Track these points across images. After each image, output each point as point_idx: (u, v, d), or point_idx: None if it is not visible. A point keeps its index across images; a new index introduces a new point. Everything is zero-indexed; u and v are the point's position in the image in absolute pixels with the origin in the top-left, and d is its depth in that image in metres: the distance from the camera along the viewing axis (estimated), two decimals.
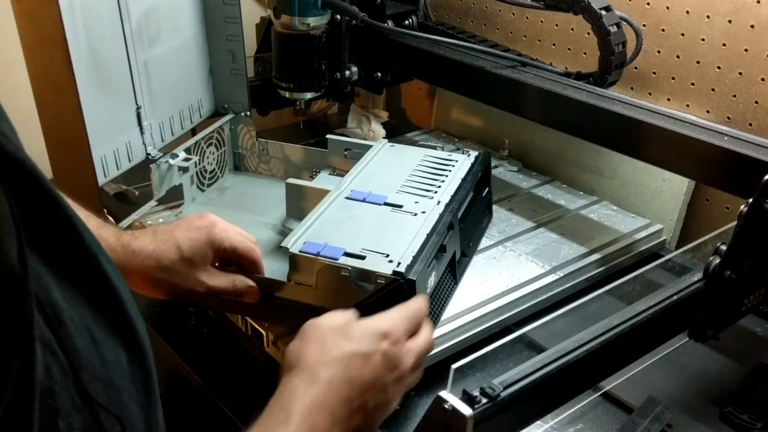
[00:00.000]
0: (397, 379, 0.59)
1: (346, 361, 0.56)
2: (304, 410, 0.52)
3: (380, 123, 1.42)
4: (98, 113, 0.90)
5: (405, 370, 0.59)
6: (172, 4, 1.02)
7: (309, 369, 0.55)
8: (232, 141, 1.14)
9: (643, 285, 0.80)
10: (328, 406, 0.53)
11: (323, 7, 1.04)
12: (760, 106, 0.98)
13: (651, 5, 1.06)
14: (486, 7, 1.30)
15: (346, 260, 0.74)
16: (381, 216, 0.83)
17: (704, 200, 1.06)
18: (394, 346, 0.58)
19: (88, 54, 0.87)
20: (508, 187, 1.14)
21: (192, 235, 0.74)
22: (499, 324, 0.84)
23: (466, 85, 1.07)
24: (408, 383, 0.61)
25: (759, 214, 0.63)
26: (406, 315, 0.61)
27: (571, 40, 1.18)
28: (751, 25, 0.96)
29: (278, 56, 1.09)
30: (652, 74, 1.09)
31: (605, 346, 0.59)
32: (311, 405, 0.53)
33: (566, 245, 0.96)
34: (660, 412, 0.72)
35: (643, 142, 0.86)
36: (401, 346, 0.59)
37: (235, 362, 0.84)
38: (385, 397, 0.58)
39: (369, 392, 0.56)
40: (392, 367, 0.58)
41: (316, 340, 0.58)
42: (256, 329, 0.83)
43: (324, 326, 0.60)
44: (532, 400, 0.56)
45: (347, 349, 0.57)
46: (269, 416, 0.53)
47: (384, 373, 0.57)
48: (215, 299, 0.78)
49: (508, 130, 1.24)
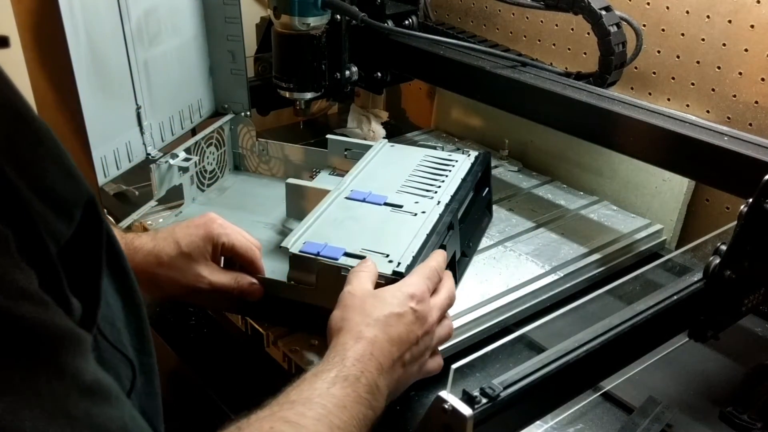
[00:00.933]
0: (427, 333, 0.67)
1: (384, 320, 0.64)
2: (356, 356, 0.60)
3: (380, 123, 1.42)
4: (98, 113, 0.90)
5: (432, 323, 0.68)
6: (172, 4, 1.02)
7: (354, 329, 0.63)
8: (232, 141, 1.14)
9: (643, 285, 0.80)
10: (375, 357, 0.61)
11: (323, 7, 1.04)
12: (760, 106, 0.98)
13: (651, 5, 1.06)
14: (486, 7, 1.30)
15: (345, 260, 0.74)
16: (381, 216, 0.83)
17: (704, 200, 1.06)
18: (420, 304, 0.66)
19: (88, 54, 0.87)
20: (508, 187, 1.14)
21: (190, 231, 0.76)
22: (499, 324, 0.84)
23: (466, 85, 1.07)
24: (438, 336, 0.69)
25: (759, 214, 0.63)
26: (428, 274, 0.70)
27: (571, 40, 1.18)
28: (751, 25, 0.96)
29: (278, 56, 1.09)
30: (652, 74, 1.09)
31: (605, 346, 0.59)
32: (362, 353, 0.61)
33: (566, 245, 0.96)
34: (660, 412, 0.72)
35: (643, 142, 0.86)
36: (427, 304, 0.67)
37: (235, 362, 0.84)
38: (418, 350, 0.66)
39: (405, 347, 0.64)
40: (422, 322, 0.66)
41: (357, 305, 0.66)
42: (256, 329, 0.83)
43: (360, 293, 0.67)
44: (532, 400, 0.56)
45: (384, 311, 0.64)
46: (327, 359, 0.61)
47: (415, 328, 0.65)
48: (216, 299, 0.78)
49: (508, 130, 1.24)
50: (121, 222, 0.98)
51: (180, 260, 0.75)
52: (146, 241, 0.75)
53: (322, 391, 0.56)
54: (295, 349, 0.78)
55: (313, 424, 0.52)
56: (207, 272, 0.76)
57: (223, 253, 0.78)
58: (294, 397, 0.55)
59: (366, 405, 0.57)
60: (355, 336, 0.62)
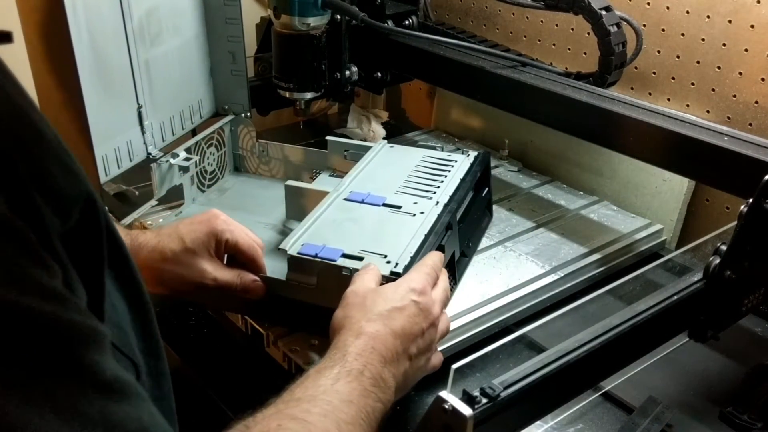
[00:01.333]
0: (432, 325, 0.67)
1: (386, 314, 0.63)
2: (358, 351, 0.60)
3: (380, 123, 1.42)
4: (101, 112, 0.90)
5: (436, 315, 0.67)
6: (174, 4, 1.02)
7: (356, 326, 0.62)
8: (233, 142, 1.14)
9: (643, 285, 0.80)
10: (377, 350, 0.60)
11: (323, 7, 1.04)
12: (760, 106, 0.98)
13: (651, 5, 1.06)
14: (486, 7, 1.30)
15: (343, 261, 0.74)
16: (379, 217, 0.83)
17: (704, 200, 1.06)
18: (422, 296, 0.66)
19: (91, 52, 0.87)
20: (508, 187, 1.14)
21: (194, 227, 0.77)
22: (499, 324, 0.84)
23: (466, 85, 1.07)
24: (441, 329, 0.69)
25: (759, 214, 0.63)
26: (427, 270, 0.70)
27: (571, 40, 1.18)
28: (751, 25, 0.96)
29: (278, 56, 1.09)
30: (652, 74, 1.09)
31: (605, 346, 0.59)
32: (363, 348, 0.60)
33: (566, 245, 0.96)
34: (660, 412, 0.72)
35: (643, 142, 0.86)
36: (429, 296, 0.67)
37: (235, 362, 0.84)
38: (424, 342, 0.66)
39: (410, 339, 0.64)
40: (426, 315, 0.66)
41: (358, 303, 0.65)
42: (256, 329, 0.83)
43: (362, 290, 0.67)
44: (532, 400, 0.56)
45: (387, 306, 0.64)
46: (328, 356, 0.60)
47: (419, 320, 0.65)
48: (219, 296, 0.78)
49: (508, 130, 1.24)
50: (121, 221, 0.98)
51: (184, 256, 0.75)
52: (150, 238, 0.76)
53: (327, 387, 0.55)
54: (295, 349, 0.78)
55: (320, 420, 0.52)
56: (211, 268, 0.76)
57: (227, 250, 0.78)
58: (299, 395, 0.55)
59: (373, 398, 0.57)
60: (356, 332, 0.62)
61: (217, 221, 0.77)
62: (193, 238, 0.75)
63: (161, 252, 0.75)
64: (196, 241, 0.75)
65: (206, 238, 0.76)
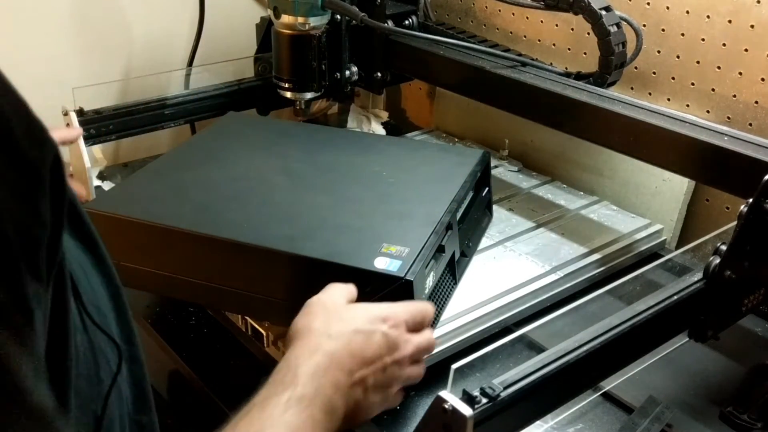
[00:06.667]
0: (396, 363, 0.61)
1: (348, 336, 0.58)
2: (310, 371, 0.55)
3: (380, 123, 1.42)
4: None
5: (404, 356, 0.61)
6: None
7: (314, 340, 0.58)
8: None
9: (643, 285, 0.80)
10: (331, 372, 0.56)
11: (323, 7, 1.04)
12: (760, 106, 0.98)
13: (651, 5, 1.06)
14: (486, 7, 1.30)
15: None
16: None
17: (704, 200, 1.06)
18: (393, 329, 0.61)
19: None
20: (508, 187, 1.14)
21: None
22: (499, 324, 0.84)
23: (466, 85, 1.07)
24: (408, 374, 0.62)
25: (759, 214, 0.63)
26: (407, 309, 0.64)
27: (571, 40, 1.18)
28: (751, 25, 0.96)
29: (278, 56, 1.09)
30: (652, 74, 1.09)
31: (605, 346, 0.59)
32: (316, 369, 0.56)
33: (566, 245, 0.96)
34: (660, 412, 0.72)
35: (643, 142, 0.86)
36: (401, 332, 0.61)
37: (235, 362, 0.84)
38: (384, 378, 0.60)
39: (369, 368, 0.58)
40: (392, 349, 0.60)
41: (321, 315, 0.61)
42: (256, 329, 0.83)
43: (328, 303, 0.62)
44: (532, 400, 0.56)
45: (351, 326, 0.59)
46: (276, 379, 0.55)
47: (384, 352, 0.59)
48: (217, 298, 0.78)
49: (508, 130, 1.24)
50: None
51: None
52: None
53: (275, 419, 0.51)
54: None
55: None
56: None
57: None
58: (243, 430, 0.50)
59: (321, 427, 0.53)
60: (312, 348, 0.57)
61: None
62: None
63: None
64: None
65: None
